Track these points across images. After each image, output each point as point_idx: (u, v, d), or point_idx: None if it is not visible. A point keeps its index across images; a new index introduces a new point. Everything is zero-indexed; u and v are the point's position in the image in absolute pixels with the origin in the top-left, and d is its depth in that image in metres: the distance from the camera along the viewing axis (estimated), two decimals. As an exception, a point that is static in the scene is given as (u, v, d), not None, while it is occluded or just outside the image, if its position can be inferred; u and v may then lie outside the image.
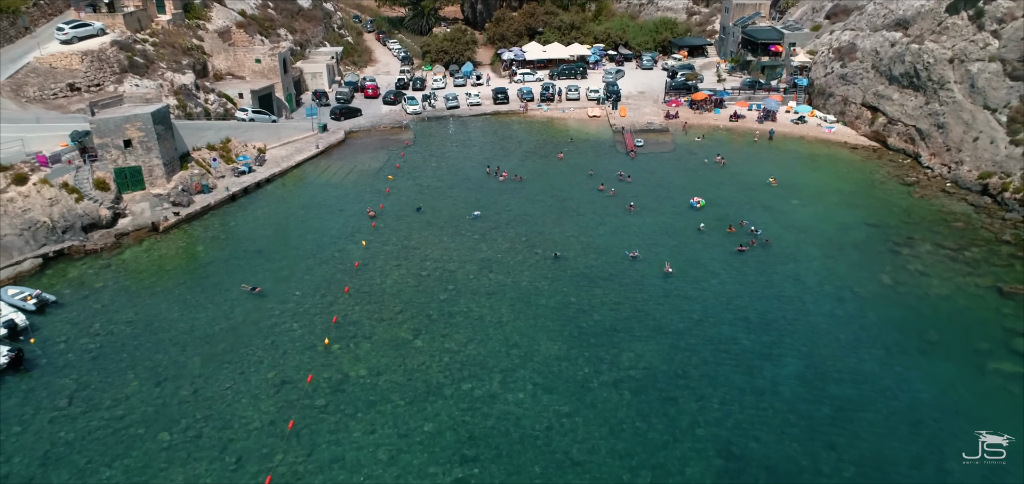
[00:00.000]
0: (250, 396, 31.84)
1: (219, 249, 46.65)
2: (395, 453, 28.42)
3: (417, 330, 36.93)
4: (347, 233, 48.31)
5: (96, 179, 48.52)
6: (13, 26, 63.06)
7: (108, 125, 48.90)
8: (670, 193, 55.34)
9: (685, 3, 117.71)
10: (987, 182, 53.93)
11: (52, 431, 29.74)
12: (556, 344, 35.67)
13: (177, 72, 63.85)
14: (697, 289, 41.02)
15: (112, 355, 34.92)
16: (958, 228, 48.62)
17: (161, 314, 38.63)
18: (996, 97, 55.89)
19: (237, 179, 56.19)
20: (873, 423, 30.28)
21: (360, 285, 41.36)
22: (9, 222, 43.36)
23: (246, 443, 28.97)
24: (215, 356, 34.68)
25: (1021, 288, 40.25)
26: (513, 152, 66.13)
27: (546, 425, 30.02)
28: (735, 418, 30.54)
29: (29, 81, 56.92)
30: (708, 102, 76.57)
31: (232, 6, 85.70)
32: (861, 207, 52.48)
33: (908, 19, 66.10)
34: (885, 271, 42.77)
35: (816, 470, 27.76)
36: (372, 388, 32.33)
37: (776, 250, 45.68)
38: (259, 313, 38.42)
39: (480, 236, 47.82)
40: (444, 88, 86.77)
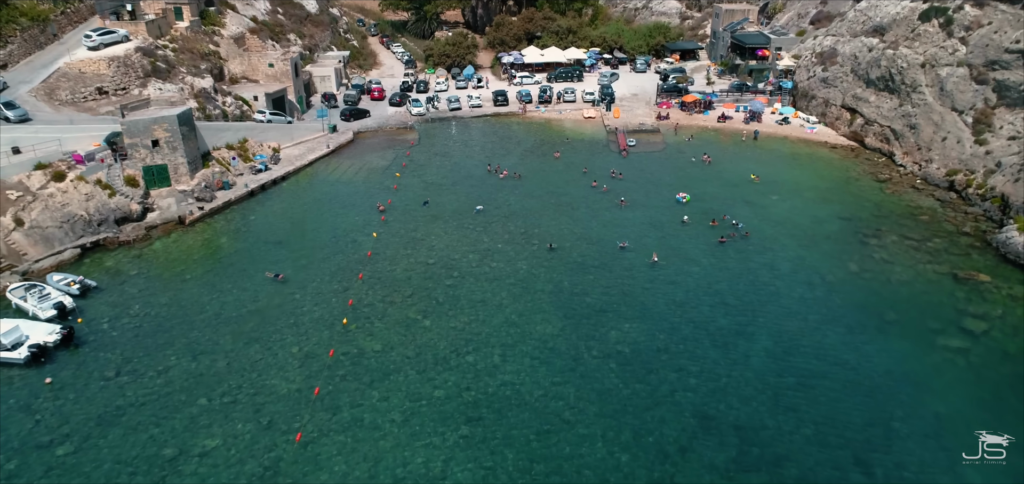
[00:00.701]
0: (278, 368, 35.55)
1: (241, 241, 50.36)
2: (408, 415, 32.14)
3: (425, 311, 40.64)
4: (359, 226, 52.00)
5: (126, 176, 52.29)
6: (43, 33, 66.81)
7: (137, 126, 52.61)
8: (659, 189, 58.99)
9: (678, 8, 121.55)
10: (953, 179, 57.68)
11: (104, 397, 33.43)
12: (550, 324, 39.37)
13: (196, 76, 67.59)
14: (680, 276, 44.73)
15: (151, 333, 38.62)
16: (923, 221, 52.37)
17: (192, 298, 42.34)
18: (963, 100, 59.64)
19: (255, 176, 59.86)
20: (831, 390, 33.99)
21: (373, 272, 45.06)
22: (50, 215, 47.06)
23: (277, 407, 32.68)
24: (244, 334, 38.38)
25: (975, 274, 43.99)
26: (512, 151, 69.80)
27: (541, 392, 33.73)
28: (709, 386, 34.25)
29: (61, 85, 60.68)
30: (698, 104, 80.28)
31: (244, 12, 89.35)
32: (835, 202, 56.19)
33: (884, 26, 69.78)
34: (853, 260, 46.52)
35: (778, 429, 31.45)
36: (386, 361, 36.04)
37: (754, 241, 49.36)
38: (282, 297, 42.13)
39: (482, 228, 51.54)
40: (446, 91, 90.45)
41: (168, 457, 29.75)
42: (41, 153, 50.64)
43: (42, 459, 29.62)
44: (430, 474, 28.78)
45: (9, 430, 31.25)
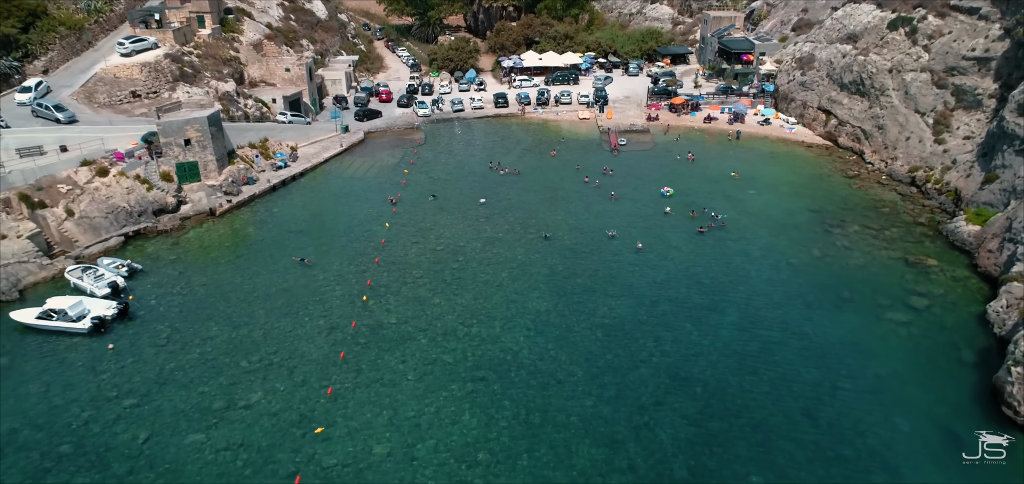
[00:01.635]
0: (307, 337, 40.52)
1: (267, 230, 55.31)
2: (422, 374, 37.12)
3: (434, 290, 45.62)
4: (373, 217, 56.95)
5: (162, 172, 57.26)
6: (79, 40, 71.72)
7: (172, 127, 57.56)
8: (646, 185, 63.88)
9: (671, 13, 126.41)
10: (915, 175, 62.67)
11: (158, 361, 38.42)
12: (545, 301, 44.33)
13: (220, 80, 72.54)
14: (661, 260, 49.70)
15: (193, 309, 43.60)
16: (884, 213, 57.34)
17: (227, 279, 47.34)
18: (925, 102, 64.62)
19: (276, 173, 64.79)
20: (788, 356, 38.94)
21: (387, 257, 50.03)
22: (96, 207, 52.03)
23: (308, 368, 37.65)
24: (276, 309, 43.36)
25: (924, 259, 48.97)
26: (512, 150, 74.71)
27: (537, 356, 38.69)
28: (683, 352, 39.22)
29: (99, 89, 65.64)
30: (685, 106, 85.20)
31: (259, 19, 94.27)
32: (807, 196, 61.14)
33: (857, 33, 74.66)
34: (816, 246, 51.50)
35: (740, 386, 36.39)
36: (402, 331, 41.02)
37: (731, 231, 54.30)
38: (307, 278, 47.12)
39: (484, 219, 56.50)
40: (450, 93, 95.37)
41: (218, 408, 34.74)
42: (85, 151, 55.64)
43: (112, 409, 34.60)
44: (441, 420, 33.77)
45: (80, 386, 36.25)
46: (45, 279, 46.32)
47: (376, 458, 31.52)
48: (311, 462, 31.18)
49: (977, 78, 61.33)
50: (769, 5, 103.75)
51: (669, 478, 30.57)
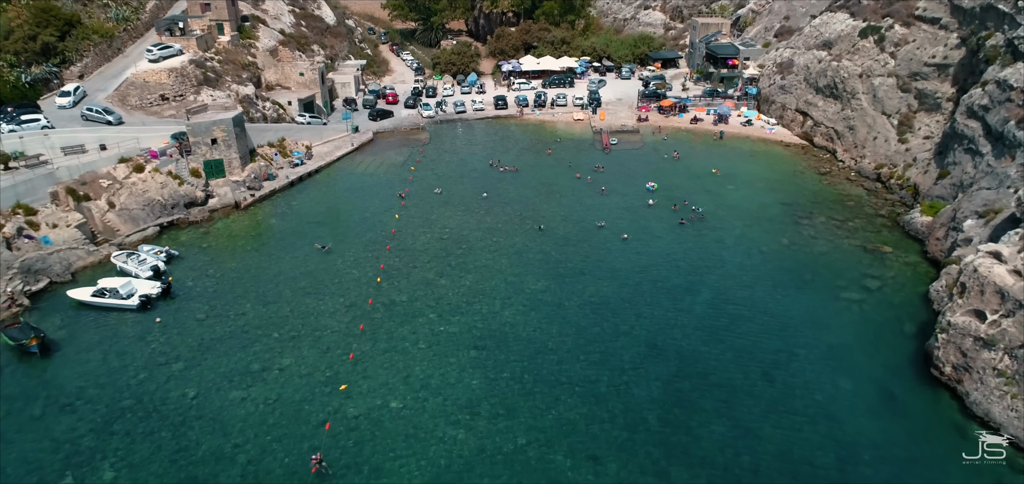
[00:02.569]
0: (329, 313, 45.63)
1: (288, 221, 60.38)
2: (431, 343, 42.24)
3: (441, 273, 50.73)
4: (384, 209, 62.03)
5: (191, 169, 62.33)
6: (110, 47, 76.77)
7: (201, 128, 62.65)
8: (634, 180, 68.93)
9: (663, 19, 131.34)
10: (880, 172, 67.78)
11: (200, 332, 43.53)
12: (539, 282, 49.43)
13: (240, 84, 77.61)
14: (645, 247, 54.80)
15: (227, 289, 48.71)
16: (850, 206, 62.44)
17: (255, 264, 52.45)
18: (891, 105, 69.71)
19: (293, 170, 69.85)
20: (752, 328, 44.05)
21: (397, 245, 55.13)
22: (134, 200, 57.08)
23: (332, 338, 42.76)
24: (300, 289, 48.47)
25: (880, 247, 54.08)
26: (511, 149, 79.78)
27: (532, 329, 43.80)
28: (660, 325, 44.31)
29: (131, 92, 70.73)
30: (674, 108, 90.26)
31: (273, 26, 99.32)
32: (781, 191, 66.22)
33: (831, 41, 79.70)
34: (785, 236, 56.60)
35: (708, 353, 41.48)
36: (412, 308, 46.13)
37: (709, 222, 59.37)
38: (327, 262, 52.23)
39: (485, 211, 61.58)
40: (453, 95, 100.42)
41: (255, 370, 39.86)
42: (122, 149, 60.73)
43: (163, 372, 39.73)
44: (447, 380, 38.89)
45: (134, 353, 41.38)
46: (92, 263, 51.39)
47: (393, 410, 36.65)
48: (338, 413, 36.30)
49: (937, 83, 66.44)
50: (754, 12, 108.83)
51: (643, 426, 35.67)
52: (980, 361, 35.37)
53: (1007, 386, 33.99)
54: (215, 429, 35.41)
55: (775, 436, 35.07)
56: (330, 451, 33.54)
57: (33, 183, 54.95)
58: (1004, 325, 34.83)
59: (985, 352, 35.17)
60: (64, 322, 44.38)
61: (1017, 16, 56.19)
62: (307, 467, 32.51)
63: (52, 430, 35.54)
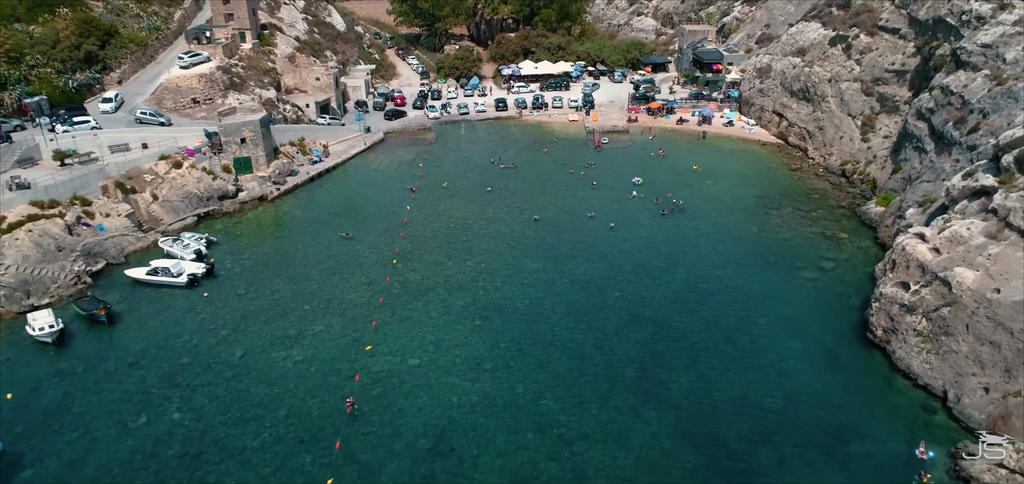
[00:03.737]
0: (352, 289, 52.02)
1: (311, 212, 66.77)
2: (441, 313, 48.63)
3: (449, 256, 57.13)
4: (396, 202, 68.42)
5: (223, 165, 68.73)
6: (144, 54, 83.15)
7: (231, 128, 69.06)
8: (623, 176, 75.23)
9: (655, 25, 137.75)
10: (845, 168, 74.15)
11: (241, 305, 49.93)
12: (536, 264, 55.81)
13: (262, 88, 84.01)
14: (629, 234, 61.17)
15: (261, 269, 55.12)
16: (815, 198, 68.80)
17: (284, 249, 58.88)
18: (856, 107, 76.09)
19: (312, 166, 76.24)
20: (719, 302, 50.37)
21: (409, 232, 61.52)
22: (175, 192, 63.50)
23: (355, 310, 49.15)
24: (326, 269, 54.86)
25: (837, 233, 60.42)
26: (510, 147, 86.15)
27: (528, 302, 50.17)
28: (639, 298, 50.66)
29: (165, 96, 77.14)
30: (661, 109, 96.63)
31: (289, 33, 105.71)
32: (755, 185, 72.55)
33: (805, 48, 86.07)
34: (755, 224, 62.95)
35: (680, 322, 47.79)
36: (425, 285, 52.53)
37: (688, 213, 65.69)
38: (348, 247, 58.64)
39: (487, 203, 67.98)
40: (456, 98, 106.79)
41: (292, 335, 46.26)
42: (162, 148, 67.14)
43: (213, 336, 46.13)
44: (456, 342, 45.28)
45: (186, 322, 47.81)
46: (141, 248, 57.82)
47: (411, 366, 43.04)
48: (364, 369, 42.69)
49: (896, 87, 72.84)
50: (738, 20, 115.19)
51: (622, 378, 42.01)
52: (904, 324, 41.75)
53: (924, 344, 40.36)
54: (262, 380, 41.82)
55: (733, 386, 41.40)
56: (360, 397, 39.94)
57: (86, 178, 61.38)
58: (923, 293, 41.21)
59: (908, 316, 41.54)
60: (123, 297, 50.80)
61: (961, 29, 62.58)
62: (342, 409, 38.91)
63: (124, 382, 41.97)
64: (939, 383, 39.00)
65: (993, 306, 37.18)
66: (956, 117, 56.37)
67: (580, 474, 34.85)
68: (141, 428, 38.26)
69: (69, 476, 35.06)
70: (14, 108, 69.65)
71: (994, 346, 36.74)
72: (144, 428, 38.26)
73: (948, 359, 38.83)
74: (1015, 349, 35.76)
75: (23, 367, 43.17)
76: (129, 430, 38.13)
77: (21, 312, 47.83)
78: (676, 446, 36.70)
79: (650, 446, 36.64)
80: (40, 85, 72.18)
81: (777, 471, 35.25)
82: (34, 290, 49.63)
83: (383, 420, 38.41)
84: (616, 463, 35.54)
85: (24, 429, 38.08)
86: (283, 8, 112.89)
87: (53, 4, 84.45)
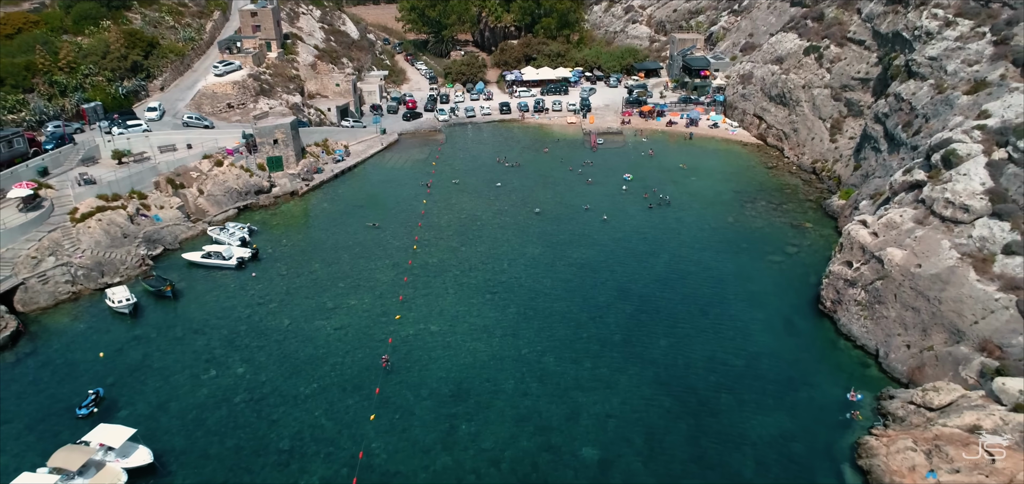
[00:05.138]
0: (379, 270, 59.57)
1: (337, 205, 74.33)
2: (456, 290, 56.17)
3: (462, 242, 64.67)
4: (413, 196, 75.97)
5: (258, 163, 76.29)
6: (182, 63, 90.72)
7: (265, 130, 76.63)
8: (616, 173, 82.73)
9: (648, 32, 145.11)
10: (815, 166, 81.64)
11: (284, 283, 57.50)
12: (537, 249, 63.34)
13: (288, 94, 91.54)
14: (620, 224, 68.66)
15: (298, 253, 62.70)
16: (787, 193, 76.31)
17: (316, 237, 66.47)
18: (826, 111, 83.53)
19: (336, 165, 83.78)
20: (696, 280, 57.89)
21: (426, 223, 69.05)
22: (218, 188, 70.99)
23: (383, 287, 56.70)
24: (355, 254, 62.42)
25: (803, 223, 67.90)
26: (514, 147, 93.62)
27: (531, 280, 57.70)
28: (627, 278, 58.16)
29: (204, 101, 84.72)
30: (652, 112, 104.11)
31: (308, 42, 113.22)
32: (734, 181, 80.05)
33: (782, 57, 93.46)
34: (731, 215, 70.46)
35: (662, 297, 55.30)
36: (442, 267, 60.08)
37: (673, 205, 73.15)
38: (373, 235, 66.21)
39: (494, 197, 75.53)
40: (463, 102, 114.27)
41: (330, 307, 53.84)
42: (205, 148, 74.69)
43: (262, 309, 53.69)
44: (470, 313, 52.84)
45: (238, 298, 55.37)
46: (191, 236, 65.40)
47: (432, 332, 50.61)
48: (395, 333, 50.22)
49: (861, 94, 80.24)
50: (725, 29, 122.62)
51: (610, 341, 49.51)
52: (847, 296, 49.27)
53: (862, 312, 47.86)
54: (307, 343, 49.40)
55: (704, 347, 48.91)
56: (393, 355, 47.49)
57: (141, 175, 69.00)
58: (862, 270, 48.72)
59: (850, 289, 49.07)
60: (181, 277, 58.37)
61: (914, 42, 70.03)
62: (379, 364, 46.47)
63: (192, 345, 49.57)
64: (872, 343, 46.55)
65: (916, 279, 44.72)
66: (905, 121, 63.87)
67: (575, 413, 42.41)
68: (211, 380, 45.85)
69: (158, 415, 42.64)
70: (73, 113, 77.16)
71: (915, 311, 44.28)
72: (214, 380, 45.85)
73: (880, 323, 46.40)
74: (930, 313, 43.29)
75: (106, 333, 50.80)
76: (202, 381, 45.73)
77: (98, 289, 55.50)
78: (655, 393, 44.25)
79: (633, 392, 44.18)
80: (94, 92, 79.78)
81: (737, 411, 42.75)
82: (107, 270, 57.19)
83: (412, 373, 45.98)
84: (604, 405, 43.09)
85: (115, 380, 45.67)
86: (302, 18, 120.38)
87: (96, 17, 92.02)
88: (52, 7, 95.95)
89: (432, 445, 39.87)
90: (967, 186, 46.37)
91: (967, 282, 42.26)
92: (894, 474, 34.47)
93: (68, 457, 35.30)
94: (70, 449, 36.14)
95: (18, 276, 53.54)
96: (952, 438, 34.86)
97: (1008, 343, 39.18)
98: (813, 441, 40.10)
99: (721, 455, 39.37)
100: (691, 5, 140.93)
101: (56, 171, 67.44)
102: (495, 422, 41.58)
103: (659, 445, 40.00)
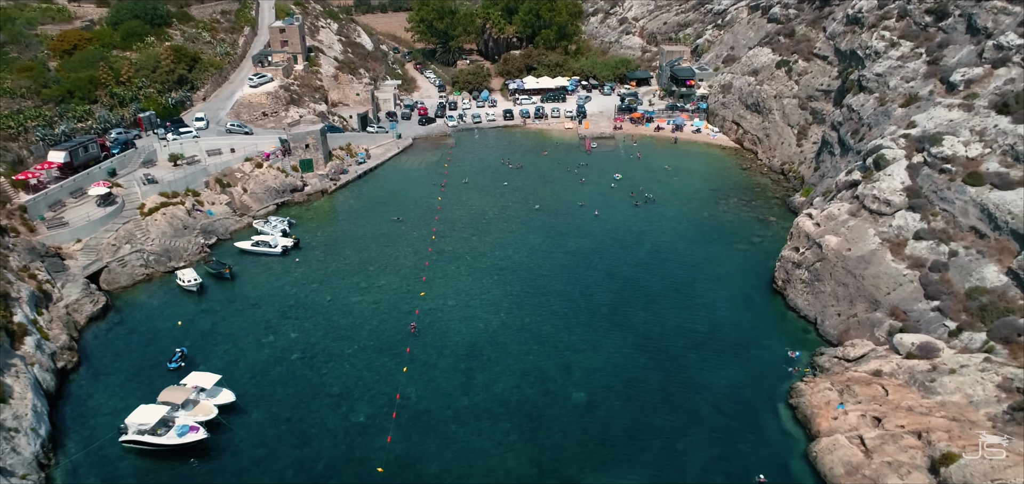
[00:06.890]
0: (403, 257, 69.05)
1: (362, 202, 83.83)
2: (470, 273, 65.68)
3: (473, 233, 74.16)
4: (429, 193, 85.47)
5: (292, 165, 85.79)
6: (220, 75, 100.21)
7: (298, 136, 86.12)
8: (607, 174, 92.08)
9: (641, 43, 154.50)
10: (784, 167, 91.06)
11: (322, 267, 67.02)
12: (537, 239, 72.82)
13: (315, 103, 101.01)
14: (610, 219, 78.11)
15: (332, 243, 72.23)
16: (757, 191, 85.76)
17: (346, 229, 76.01)
18: (794, 119, 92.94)
19: (358, 167, 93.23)
20: (672, 265, 67.36)
21: (442, 217, 78.55)
22: (259, 186, 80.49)
23: (408, 270, 66.20)
24: (381, 243, 71.92)
25: (768, 217, 77.34)
26: (516, 151, 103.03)
27: (532, 265, 67.18)
28: (616, 263, 67.62)
29: (242, 110, 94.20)
30: (642, 118, 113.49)
31: (329, 54, 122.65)
32: (711, 181, 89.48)
33: (758, 69, 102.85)
34: (706, 210, 79.92)
35: (643, 278, 64.74)
36: (456, 253, 69.58)
37: (656, 203, 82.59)
38: (396, 228, 75.70)
39: (499, 195, 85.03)
40: (470, 108, 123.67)
41: (363, 287, 63.37)
42: (246, 152, 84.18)
43: (306, 288, 63.21)
44: (481, 290, 62.32)
45: (285, 279, 64.89)
46: (239, 228, 74.88)
47: (450, 306, 60.11)
48: (420, 306, 59.73)
49: (824, 104, 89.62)
50: (709, 42, 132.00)
51: (599, 313, 58.92)
52: (794, 276, 58.72)
53: (805, 288, 57.30)
54: (346, 314, 58.92)
55: (675, 318, 58.36)
56: (419, 323, 56.99)
57: (194, 175, 78.45)
58: (806, 254, 58.16)
59: (796, 270, 58.50)
60: (235, 262, 67.86)
61: (865, 60, 79.44)
62: (408, 330, 56.00)
63: (251, 316, 59.10)
64: (812, 313, 56.01)
65: (846, 260, 54.17)
66: (854, 129, 73.30)
67: (568, 367, 51.86)
68: (270, 343, 55.37)
69: (230, 369, 52.06)
70: (131, 121, 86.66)
71: (845, 287, 53.72)
72: (272, 343, 55.37)
73: (818, 297, 55.85)
74: (856, 287, 52.74)
75: (179, 307, 60.34)
76: (262, 344, 55.25)
77: (167, 271, 65.01)
78: (634, 352, 53.71)
79: (616, 352, 53.64)
80: (147, 102, 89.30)
81: (699, 366, 52.12)
82: (173, 256, 66.68)
83: (435, 337, 55.49)
84: (592, 361, 52.51)
85: (191, 344, 55.15)
86: (321, 32, 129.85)
87: (142, 34, 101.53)
88: (100, 25, 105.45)
89: (453, 390, 49.37)
90: (890, 184, 55.85)
91: (884, 261, 51.74)
92: (814, 407, 43.91)
93: (173, 394, 44.84)
94: (173, 389, 45.69)
95: (103, 260, 63.07)
96: (860, 380, 44.32)
97: (911, 308, 48.65)
98: (758, 388, 49.50)
99: (685, 398, 48.79)
100: (680, 18, 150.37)
101: (122, 172, 76.92)
102: (503, 374, 51.07)
103: (636, 391, 49.44)
